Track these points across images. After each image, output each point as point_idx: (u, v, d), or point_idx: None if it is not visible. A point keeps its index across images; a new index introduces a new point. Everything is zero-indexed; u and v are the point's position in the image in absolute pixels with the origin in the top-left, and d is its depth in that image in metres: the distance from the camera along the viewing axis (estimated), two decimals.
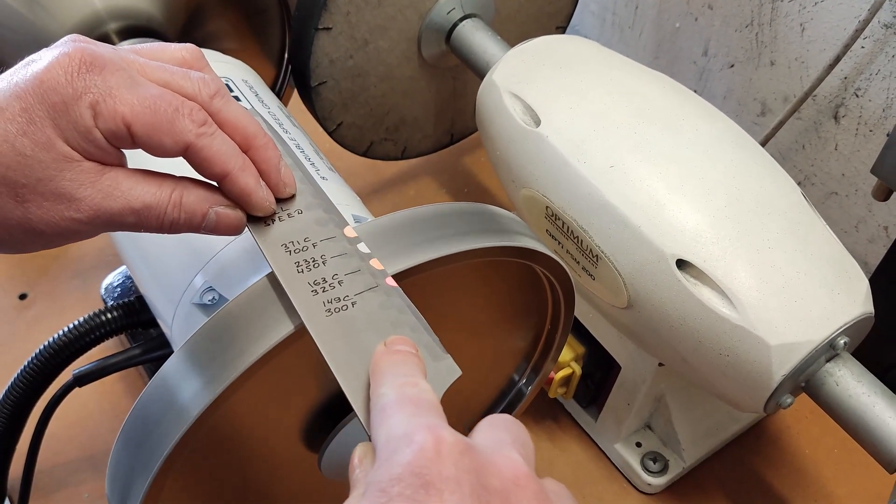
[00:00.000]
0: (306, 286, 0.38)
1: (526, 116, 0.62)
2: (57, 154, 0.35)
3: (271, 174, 0.40)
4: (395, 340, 0.35)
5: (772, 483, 0.72)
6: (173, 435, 0.39)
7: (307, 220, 0.41)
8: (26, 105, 0.35)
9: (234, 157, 0.38)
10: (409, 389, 0.32)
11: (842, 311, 0.52)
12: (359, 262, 0.39)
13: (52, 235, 0.37)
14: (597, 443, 0.74)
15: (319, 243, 0.40)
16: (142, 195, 0.37)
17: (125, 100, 0.35)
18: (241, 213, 0.39)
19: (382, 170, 0.95)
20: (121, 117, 0.35)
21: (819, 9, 0.76)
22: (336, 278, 0.38)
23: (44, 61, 0.35)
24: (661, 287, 0.54)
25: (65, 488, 0.71)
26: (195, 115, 0.37)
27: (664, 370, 0.64)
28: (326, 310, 0.37)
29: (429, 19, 0.74)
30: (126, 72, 0.36)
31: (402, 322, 0.37)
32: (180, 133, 0.36)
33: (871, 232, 0.82)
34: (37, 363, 0.60)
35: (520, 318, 0.54)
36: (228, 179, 0.38)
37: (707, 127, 0.59)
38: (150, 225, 0.38)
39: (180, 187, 0.38)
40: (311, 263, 0.39)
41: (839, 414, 0.53)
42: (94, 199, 0.36)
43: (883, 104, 0.74)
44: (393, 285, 0.38)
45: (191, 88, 0.38)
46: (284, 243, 0.39)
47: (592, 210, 0.57)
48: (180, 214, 0.38)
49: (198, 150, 0.37)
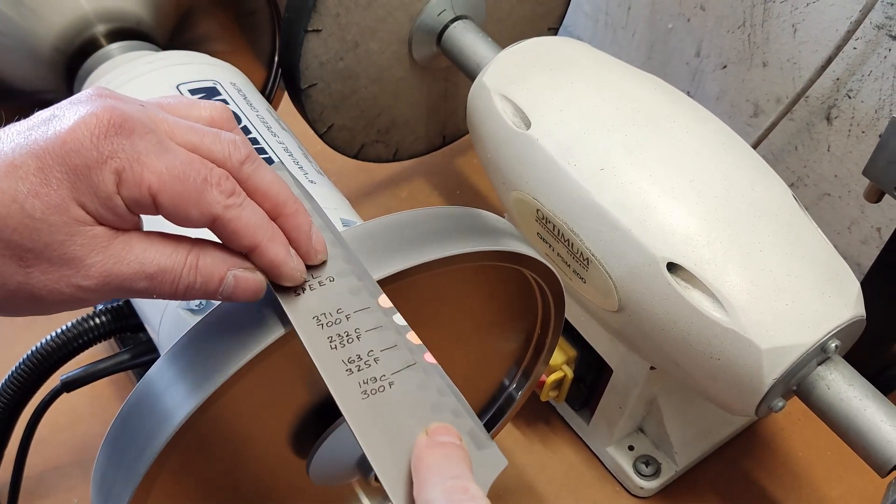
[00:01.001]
0: (340, 364, 0.35)
1: (516, 119, 0.62)
2: (69, 218, 0.33)
3: (302, 242, 0.37)
4: (439, 430, 0.33)
5: (765, 486, 0.72)
6: (158, 441, 0.38)
7: (339, 288, 0.38)
8: (44, 165, 0.32)
9: (262, 228, 0.36)
10: (458, 498, 0.30)
11: (833, 314, 0.52)
12: (395, 336, 0.36)
13: (54, 303, 0.34)
14: (589, 446, 0.74)
15: (353, 315, 0.37)
16: (156, 258, 0.34)
17: (153, 167, 0.33)
18: (261, 277, 0.37)
19: (374, 172, 0.95)
20: (147, 186, 0.33)
21: (811, 10, 0.76)
22: (371, 355, 0.36)
23: (68, 119, 0.33)
24: (652, 290, 0.54)
25: (54, 493, 0.71)
26: (224, 185, 0.35)
27: (656, 373, 0.64)
28: (362, 391, 0.35)
29: (419, 21, 0.74)
30: (155, 135, 0.34)
31: (442, 405, 0.35)
32: (208, 205, 0.34)
33: (864, 233, 0.82)
34: (24, 369, 0.59)
35: (509, 322, 0.53)
36: (257, 251, 0.36)
37: (698, 129, 0.58)
38: (164, 290, 0.35)
39: (197, 249, 0.36)
40: (344, 338, 0.36)
41: (830, 417, 0.53)
42: (105, 264, 0.34)
43: (875, 105, 0.74)
44: (431, 362, 0.36)
45: (220, 153, 0.36)
46: (316, 315, 0.37)
47: (583, 213, 0.56)
48: (196, 278, 0.35)
49: (225, 222, 0.35)
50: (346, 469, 0.49)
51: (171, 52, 0.63)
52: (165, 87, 0.58)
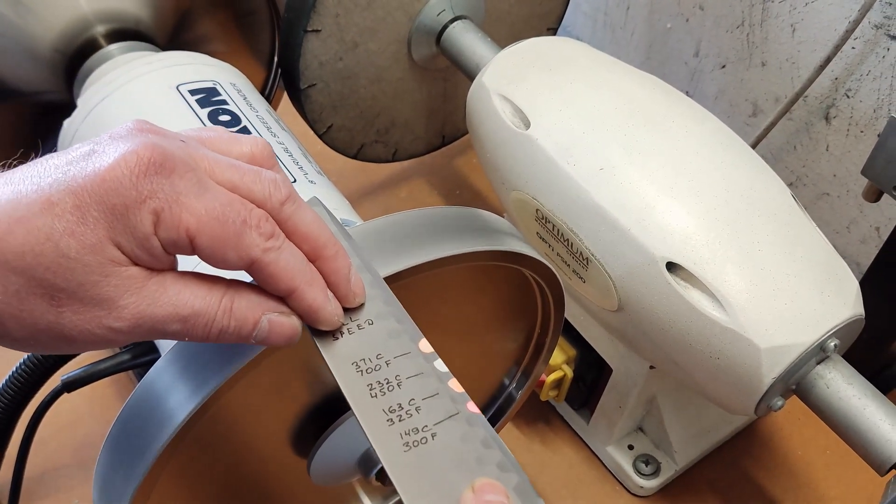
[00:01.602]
0: (381, 414, 0.34)
1: (515, 119, 0.62)
2: (104, 258, 0.32)
3: (341, 285, 0.36)
4: (485, 487, 0.32)
5: (764, 485, 0.72)
6: (160, 441, 0.38)
7: (379, 332, 0.37)
8: (81, 202, 0.31)
9: (301, 272, 0.35)
10: None
11: (832, 313, 0.52)
12: (437, 383, 0.35)
13: (83, 343, 0.33)
14: (589, 445, 0.74)
15: (393, 360, 0.36)
16: (191, 300, 0.33)
17: (193, 209, 0.32)
18: (296, 322, 0.36)
19: (373, 172, 0.95)
20: (185, 228, 0.32)
21: (810, 10, 0.76)
22: (413, 404, 0.34)
23: (108, 156, 0.32)
24: (652, 290, 0.54)
25: (54, 493, 0.71)
26: (263, 228, 0.34)
27: (656, 373, 0.64)
28: (404, 443, 0.33)
29: (418, 21, 0.74)
30: (195, 174, 0.33)
31: (487, 458, 0.33)
32: (247, 248, 0.33)
33: (863, 233, 0.82)
34: (25, 369, 0.59)
35: (509, 322, 0.53)
36: (295, 295, 0.35)
37: (697, 129, 0.59)
38: (196, 333, 0.34)
39: (231, 291, 0.35)
40: (384, 385, 0.35)
41: (830, 416, 0.53)
42: (139, 306, 0.33)
43: (873, 105, 0.74)
44: (475, 412, 0.35)
45: (261, 193, 0.35)
46: (355, 361, 0.36)
47: (582, 213, 0.57)
48: (230, 322, 0.34)
49: (264, 265, 0.34)
50: (346, 468, 0.49)
51: (170, 53, 0.63)
52: (165, 88, 0.58)
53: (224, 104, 0.58)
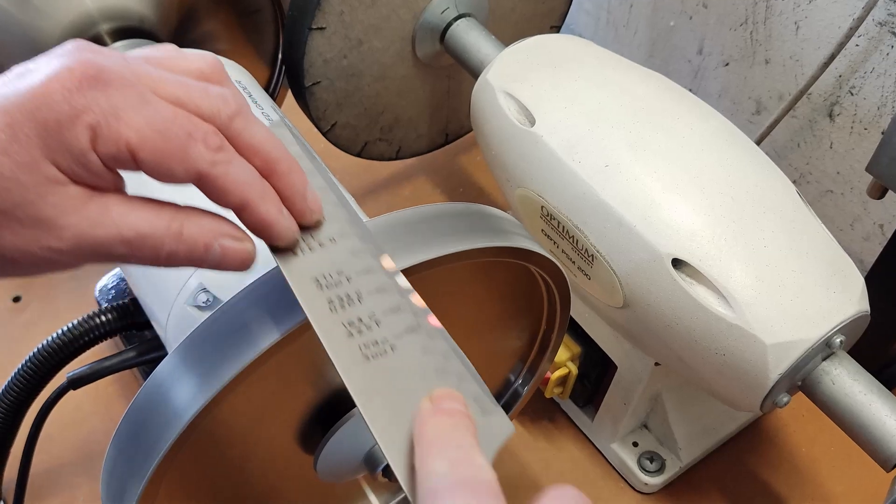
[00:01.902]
0: (341, 328, 0.34)
1: (521, 116, 0.62)
2: (41, 177, 0.31)
3: (296, 201, 0.36)
4: (443, 396, 0.32)
5: (769, 481, 0.72)
6: (167, 438, 0.38)
7: (341, 250, 0.37)
8: (12, 121, 0.31)
9: (252, 185, 0.34)
10: (463, 469, 0.29)
11: (838, 309, 0.52)
12: (398, 298, 0.35)
13: (27, 265, 0.33)
14: (593, 442, 0.74)
15: (354, 277, 0.36)
16: (136, 223, 0.33)
17: (131, 122, 0.32)
18: (250, 247, 0.36)
19: (377, 170, 0.95)
20: (125, 142, 0.32)
21: (813, 7, 0.76)
22: (373, 318, 0.34)
23: (40, 73, 0.31)
24: (657, 286, 0.54)
25: (60, 491, 0.71)
26: (210, 141, 0.33)
27: (660, 369, 0.64)
28: (363, 355, 0.33)
29: (423, 19, 0.74)
30: (135, 88, 0.32)
31: (447, 370, 0.33)
32: (193, 161, 0.33)
33: (867, 230, 0.82)
34: (31, 366, 0.59)
35: (515, 319, 0.53)
36: (247, 210, 0.35)
37: (702, 125, 0.59)
38: (145, 256, 0.34)
39: (181, 216, 0.34)
40: (345, 300, 0.35)
41: (836, 412, 0.53)
42: (80, 226, 0.32)
43: (878, 102, 0.74)
44: (437, 325, 0.35)
45: (208, 109, 0.34)
46: (316, 277, 0.36)
47: (588, 209, 0.57)
48: (179, 246, 0.34)
49: (213, 178, 0.33)
50: (353, 465, 0.49)
51: None
52: None
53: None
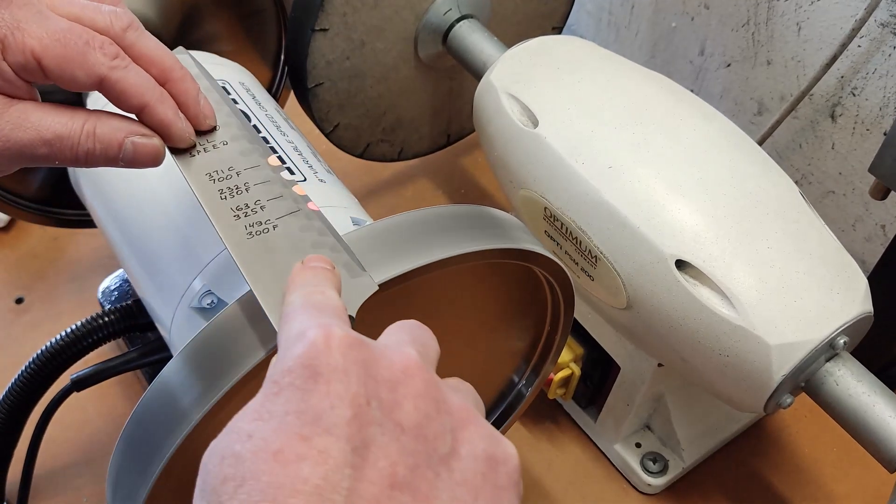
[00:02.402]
0: (229, 211, 0.39)
1: (524, 117, 0.62)
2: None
3: (190, 106, 0.40)
4: (312, 258, 0.36)
5: (771, 482, 0.72)
6: (174, 439, 0.38)
7: (232, 150, 0.42)
8: None
9: (150, 90, 0.39)
10: (313, 297, 0.32)
11: (841, 310, 0.52)
12: (281, 188, 0.40)
13: None
14: (596, 443, 0.74)
15: (243, 172, 0.41)
16: (52, 125, 0.37)
17: (33, 33, 0.36)
18: (158, 143, 0.40)
19: (379, 171, 0.95)
20: (30, 50, 0.36)
21: (815, 8, 0.76)
22: (258, 203, 0.39)
23: None
24: (661, 287, 0.54)
25: (63, 492, 0.71)
26: (107, 49, 0.37)
27: (663, 370, 0.64)
28: (248, 233, 0.38)
29: (425, 20, 0.74)
30: (33, 5, 0.36)
31: (322, 243, 0.38)
32: (92, 66, 0.37)
33: (869, 230, 0.82)
34: (34, 367, 0.60)
35: (519, 320, 0.54)
36: (146, 111, 0.39)
37: (705, 127, 0.59)
38: (65, 156, 0.38)
39: (94, 118, 0.38)
40: (234, 191, 0.40)
41: (839, 413, 0.53)
42: (2, 130, 0.36)
43: (880, 103, 0.75)
44: (315, 209, 0.39)
45: (102, 22, 0.38)
46: (209, 172, 0.40)
47: (591, 211, 0.57)
48: (95, 144, 0.38)
49: (112, 82, 0.37)
50: None
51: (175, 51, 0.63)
52: None
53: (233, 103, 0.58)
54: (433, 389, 0.29)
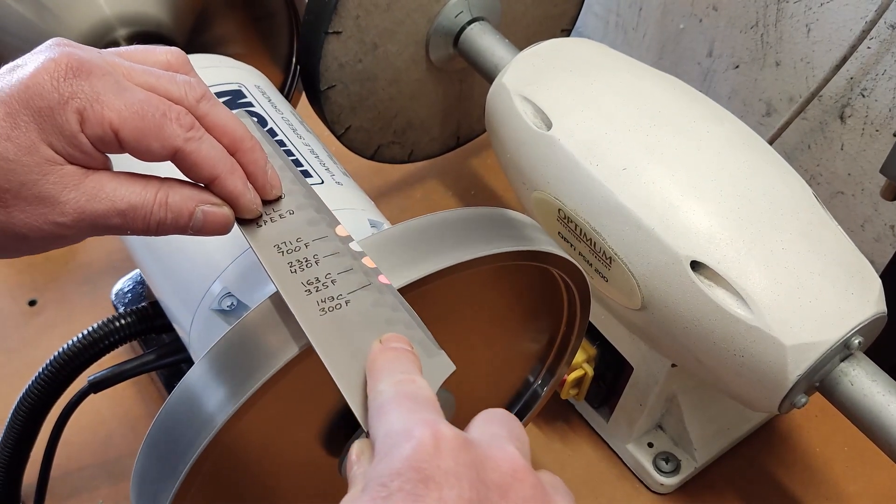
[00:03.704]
0: (300, 286, 0.38)
1: (537, 119, 0.62)
2: (40, 158, 0.35)
3: (258, 176, 0.40)
4: (391, 338, 0.36)
5: (783, 482, 0.73)
6: (199, 443, 0.39)
7: (298, 220, 0.41)
8: (11, 110, 0.35)
9: (222, 161, 0.39)
10: (406, 386, 0.32)
11: (856, 310, 0.52)
12: (351, 260, 0.39)
13: (37, 240, 0.37)
14: (608, 444, 0.74)
15: (311, 243, 0.40)
16: (127, 196, 0.37)
17: (112, 105, 0.36)
18: (228, 211, 0.40)
19: (389, 173, 0.95)
20: (108, 123, 0.36)
21: (825, 10, 0.76)
22: (329, 277, 0.39)
23: (29, 66, 0.36)
24: (676, 289, 0.54)
25: (79, 493, 0.71)
26: (183, 120, 0.37)
27: (676, 370, 0.64)
28: (320, 309, 0.37)
29: (437, 23, 0.74)
30: (112, 76, 0.36)
31: (396, 319, 0.37)
32: (169, 138, 0.37)
33: (878, 231, 0.82)
34: (51, 370, 0.60)
35: (535, 321, 0.54)
36: (217, 183, 0.39)
37: (718, 129, 0.59)
38: (137, 226, 0.38)
39: (166, 187, 0.38)
40: (303, 263, 0.39)
41: (854, 413, 0.53)
42: (79, 201, 0.36)
43: (889, 104, 0.75)
44: (386, 283, 0.39)
45: (177, 92, 0.38)
46: (277, 244, 0.40)
47: (605, 212, 0.57)
48: (167, 214, 0.38)
49: (186, 154, 0.37)
50: None
51: (194, 56, 0.63)
52: None
53: (250, 106, 0.58)
54: (540, 492, 0.29)
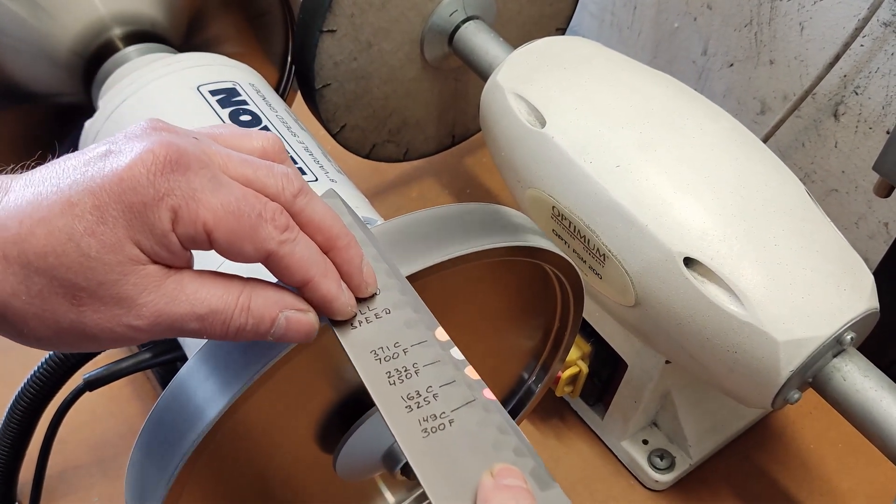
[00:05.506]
0: (400, 401, 0.35)
1: (531, 117, 0.62)
2: (124, 257, 0.32)
3: (354, 275, 0.37)
4: (504, 472, 0.33)
5: (777, 478, 0.73)
6: (192, 439, 0.39)
7: (396, 321, 0.37)
8: (100, 203, 0.32)
9: (316, 263, 0.36)
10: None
11: (848, 306, 0.53)
12: (454, 371, 0.36)
13: (106, 340, 0.34)
14: (603, 441, 0.75)
15: (410, 349, 0.36)
16: (208, 299, 0.34)
17: (209, 204, 0.33)
18: (313, 318, 0.36)
19: (385, 172, 0.95)
20: (202, 223, 0.33)
21: (818, 8, 0.76)
22: (430, 391, 0.35)
23: (125, 156, 0.32)
24: (669, 285, 0.55)
25: (74, 492, 0.71)
26: (279, 220, 0.34)
27: (671, 367, 0.64)
28: (423, 430, 0.34)
29: (431, 21, 0.75)
30: (209, 170, 0.33)
31: (503, 444, 0.34)
32: (263, 241, 0.34)
33: (871, 228, 0.83)
34: (46, 368, 0.60)
35: (529, 317, 0.54)
36: (310, 287, 0.36)
37: (712, 126, 0.59)
38: (215, 331, 0.35)
39: (248, 289, 0.35)
40: (403, 373, 0.36)
41: (847, 409, 0.54)
42: (157, 304, 0.33)
43: (882, 101, 0.75)
44: (491, 398, 0.35)
45: (274, 187, 0.35)
46: (374, 349, 0.36)
47: (599, 209, 0.57)
48: (248, 320, 0.35)
49: (280, 258, 0.34)
50: (371, 463, 0.49)
51: (189, 54, 0.64)
52: (186, 89, 0.59)
53: (244, 104, 0.58)
54: None
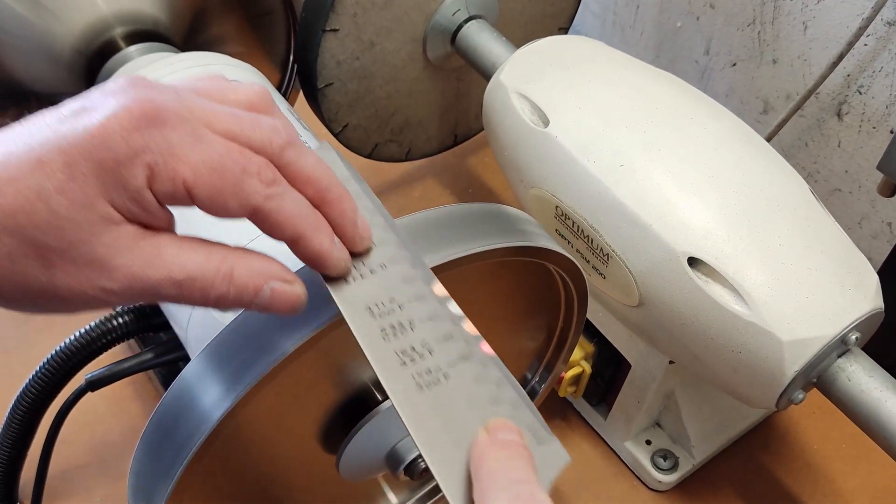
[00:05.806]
0: (394, 356, 0.33)
1: (534, 116, 0.62)
2: (95, 216, 0.31)
3: (347, 229, 0.36)
4: (499, 426, 0.31)
5: (781, 478, 0.73)
6: (195, 439, 0.39)
7: (392, 276, 0.36)
8: (70, 159, 0.31)
9: (305, 218, 0.34)
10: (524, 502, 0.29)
11: (853, 306, 0.52)
12: (450, 326, 0.35)
13: (78, 303, 0.33)
14: (606, 441, 0.74)
15: (406, 304, 0.35)
16: (186, 265, 0.33)
17: (188, 160, 0.31)
18: (300, 290, 0.35)
19: (387, 171, 0.95)
20: (181, 180, 0.31)
21: (821, 7, 0.76)
22: (426, 346, 0.34)
23: (98, 112, 0.31)
24: (673, 285, 0.54)
25: (76, 492, 0.71)
26: (264, 174, 0.33)
27: (674, 367, 0.64)
28: (417, 384, 0.33)
29: (434, 21, 0.74)
30: (189, 125, 0.32)
31: (501, 398, 0.33)
32: (248, 196, 0.32)
33: (875, 228, 0.82)
34: (48, 368, 0.60)
35: (533, 317, 0.54)
36: (301, 242, 0.34)
37: (715, 125, 0.59)
38: (194, 298, 0.33)
39: (232, 257, 0.34)
40: (397, 329, 0.34)
41: (851, 409, 0.53)
42: (131, 267, 0.32)
43: (886, 101, 0.75)
44: (489, 353, 0.34)
45: (260, 140, 0.34)
46: (369, 305, 0.35)
47: (603, 209, 0.57)
48: (230, 289, 0.33)
49: (267, 213, 0.33)
50: (375, 464, 0.49)
51: (191, 54, 0.64)
52: None
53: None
54: None
